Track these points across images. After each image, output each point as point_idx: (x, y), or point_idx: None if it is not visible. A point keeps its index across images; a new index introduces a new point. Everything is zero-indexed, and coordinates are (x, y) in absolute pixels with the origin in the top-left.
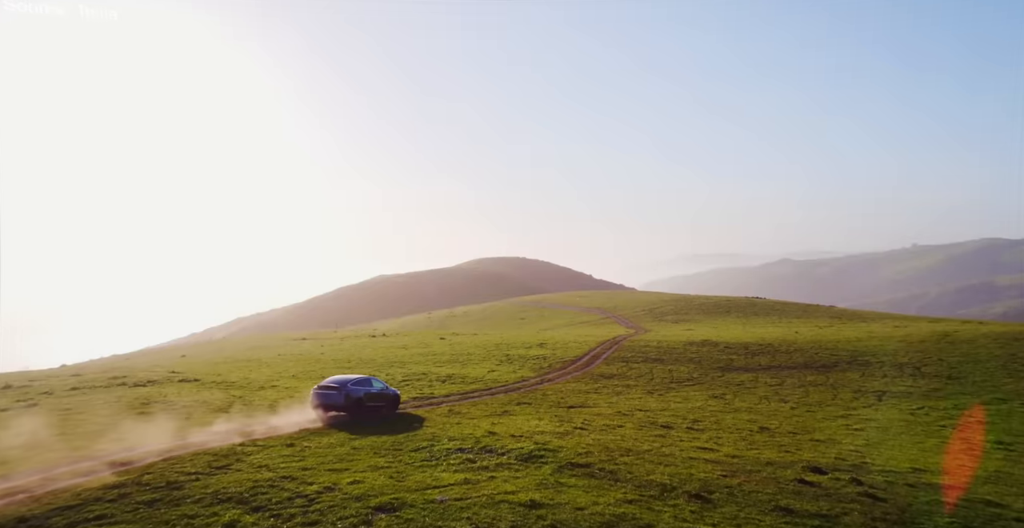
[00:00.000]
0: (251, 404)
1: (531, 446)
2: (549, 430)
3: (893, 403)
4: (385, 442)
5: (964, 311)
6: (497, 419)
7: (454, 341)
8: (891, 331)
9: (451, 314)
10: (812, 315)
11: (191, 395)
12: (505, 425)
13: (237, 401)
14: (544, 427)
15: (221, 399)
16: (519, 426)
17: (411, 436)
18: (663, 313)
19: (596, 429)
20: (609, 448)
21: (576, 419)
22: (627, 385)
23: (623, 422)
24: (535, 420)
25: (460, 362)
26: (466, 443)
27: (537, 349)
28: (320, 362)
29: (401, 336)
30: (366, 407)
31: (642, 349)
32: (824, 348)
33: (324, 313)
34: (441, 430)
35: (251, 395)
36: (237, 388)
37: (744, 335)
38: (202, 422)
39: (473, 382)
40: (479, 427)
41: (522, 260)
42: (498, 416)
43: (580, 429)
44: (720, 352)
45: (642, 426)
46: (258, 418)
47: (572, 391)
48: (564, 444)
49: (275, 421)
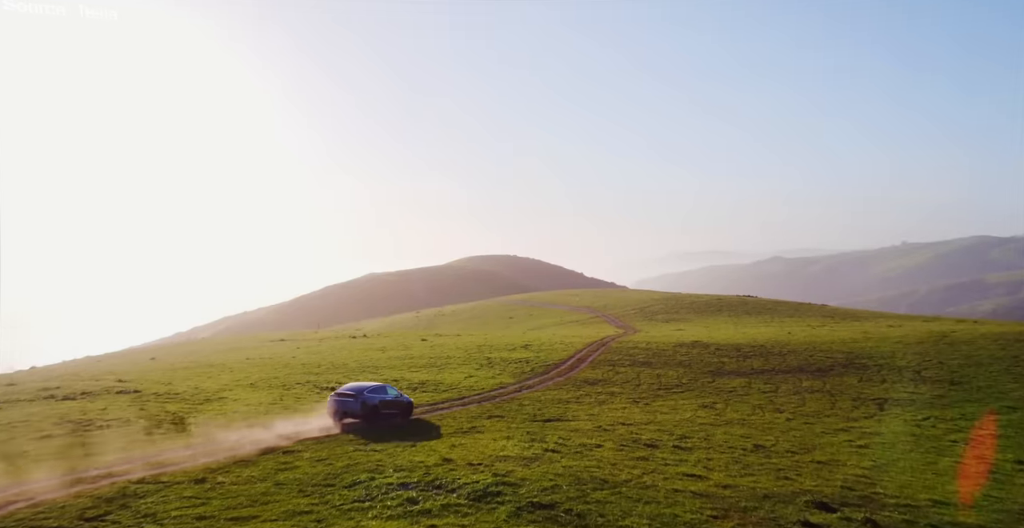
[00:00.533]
0: (183, 423)
1: (489, 479)
2: (515, 454)
3: (896, 413)
4: (318, 474)
5: (953, 309)
6: (459, 439)
7: (435, 343)
8: (886, 331)
9: (440, 313)
10: (804, 314)
11: (120, 411)
12: (466, 448)
13: (169, 419)
14: (510, 450)
15: (152, 416)
16: (482, 449)
17: (352, 467)
18: (653, 312)
19: (570, 451)
20: (581, 479)
21: (550, 437)
22: (611, 393)
23: (602, 440)
24: (503, 440)
25: (438, 366)
26: (413, 475)
27: (521, 351)
28: (288, 367)
29: (382, 337)
30: (381, 414)
31: (630, 351)
32: (819, 350)
33: (311, 312)
34: (389, 456)
35: (191, 410)
36: (178, 401)
37: (736, 335)
38: (109, 449)
39: (447, 390)
40: (435, 451)
41: (512, 258)
42: (463, 434)
43: (552, 452)
44: (711, 354)
45: (623, 445)
46: (180, 443)
47: (551, 400)
48: (529, 475)
49: (201, 447)
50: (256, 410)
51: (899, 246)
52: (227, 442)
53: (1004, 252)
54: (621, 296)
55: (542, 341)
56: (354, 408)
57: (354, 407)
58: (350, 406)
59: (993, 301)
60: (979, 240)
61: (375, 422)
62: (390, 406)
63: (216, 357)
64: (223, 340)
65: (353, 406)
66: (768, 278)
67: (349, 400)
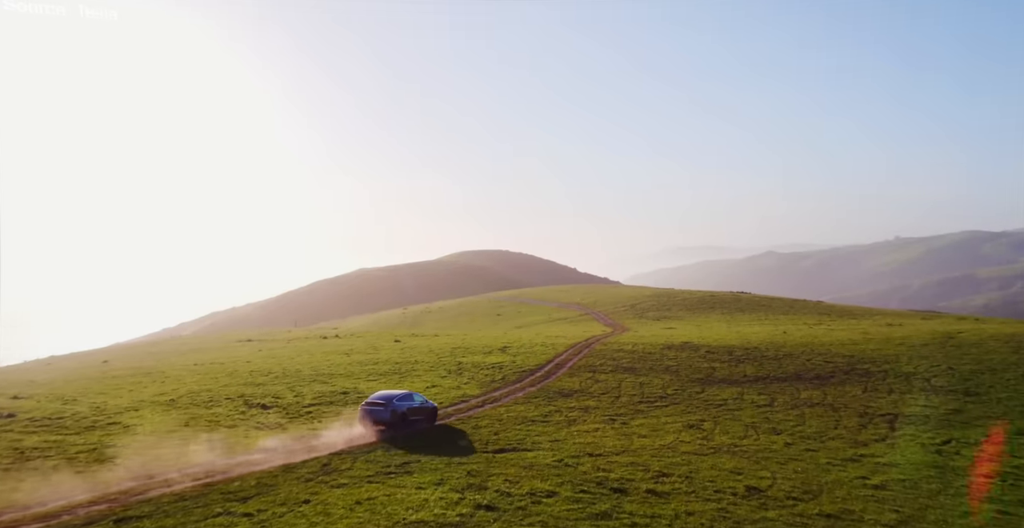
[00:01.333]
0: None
1: None
2: (433, 518)
3: (910, 433)
4: None
5: (945, 303)
6: (373, 489)
7: (408, 344)
8: (887, 332)
9: (427, 309)
10: (799, 311)
11: None
12: (373, 507)
13: (20, 458)
14: (431, 508)
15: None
16: (393, 509)
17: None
18: (644, 309)
19: (511, 508)
20: None
21: (493, 482)
22: (586, 408)
23: (559, 483)
24: (431, 487)
25: (400, 373)
26: None
27: (496, 355)
28: (232, 376)
29: (355, 338)
30: (409, 421)
31: (614, 354)
32: (817, 353)
33: (297, 308)
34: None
35: (64, 442)
36: (55, 430)
37: (728, 335)
38: None
39: None
40: (327, 517)
41: (504, 253)
42: (384, 477)
43: (486, 509)
44: (701, 358)
45: (583, 491)
46: None
47: (514, 419)
48: None
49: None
50: (140, 443)
51: (892, 241)
52: (61, 491)
53: (996, 247)
54: (613, 292)
55: (522, 342)
56: (384, 416)
57: (384, 415)
58: (381, 414)
59: (985, 296)
60: (971, 235)
61: (403, 428)
62: (417, 413)
63: (165, 361)
64: (193, 339)
65: (384, 414)
66: (762, 272)
67: (380, 409)
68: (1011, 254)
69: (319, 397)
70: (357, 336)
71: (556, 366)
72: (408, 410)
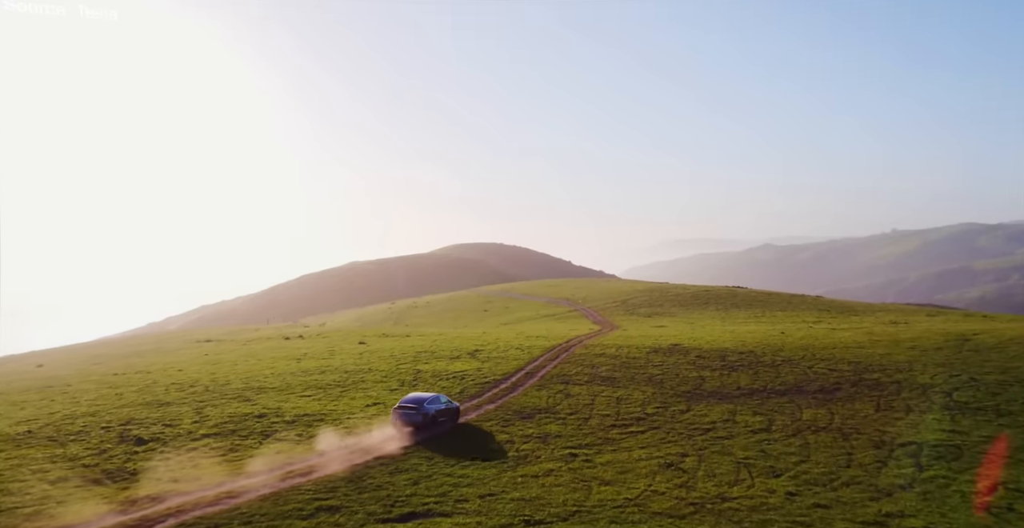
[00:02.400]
0: None
1: None
2: None
3: (942, 474)
4: None
5: (941, 296)
6: None
7: (372, 348)
8: (894, 332)
9: (414, 304)
10: (797, 307)
11: None
12: None
13: None
14: None
15: None
16: None
17: None
18: (636, 305)
19: None
20: None
21: None
22: (546, 436)
23: None
24: None
25: (344, 386)
26: None
27: (463, 361)
28: (146, 391)
29: (319, 339)
30: (438, 422)
31: (595, 360)
32: (819, 358)
33: (286, 302)
34: None
35: None
36: None
37: (722, 336)
38: None
39: (313, 431)
40: None
41: (499, 246)
42: None
43: None
44: (690, 364)
45: None
46: None
47: (447, 459)
48: None
49: None
50: None
51: (888, 234)
52: None
53: (992, 239)
54: (604, 287)
55: (497, 344)
56: (416, 419)
57: (416, 418)
58: (413, 417)
59: (981, 288)
60: (967, 227)
61: (432, 429)
62: (444, 414)
63: (88, 369)
64: (150, 339)
65: (416, 417)
66: (758, 265)
67: (412, 411)
68: (1007, 246)
69: (222, 424)
70: (323, 337)
71: (527, 375)
72: (437, 412)
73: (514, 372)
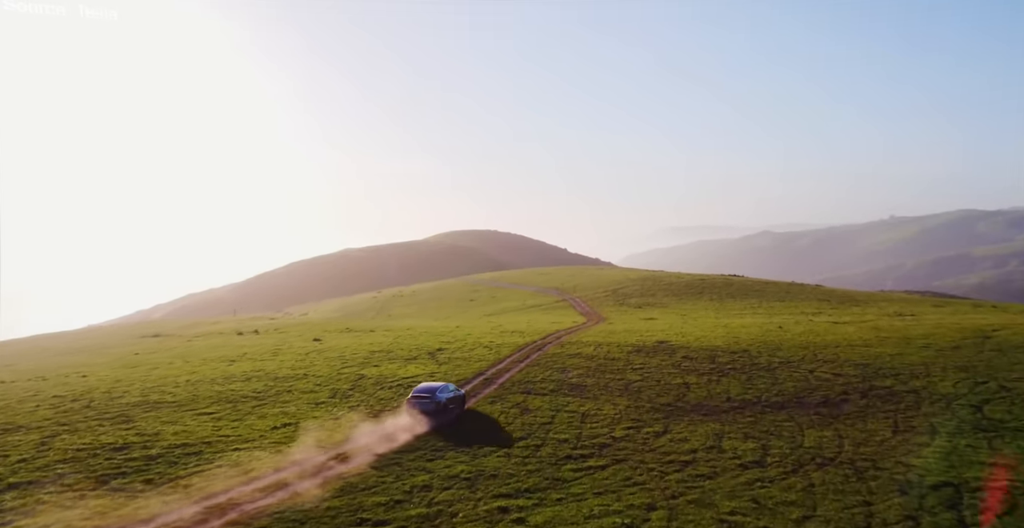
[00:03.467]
0: None
1: None
2: None
3: None
4: None
5: (940, 282)
6: None
7: (324, 346)
8: (902, 326)
9: (399, 294)
10: (796, 297)
11: None
12: None
13: None
14: None
15: None
16: None
17: None
18: (627, 295)
19: None
20: None
21: None
22: (476, 476)
23: None
24: None
25: (262, 398)
26: None
27: (419, 364)
28: (9, 410)
29: (274, 334)
30: (448, 409)
31: (567, 362)
32: (821, 358)
33: (273, 290)
34: None
35: None
36: None
37: (714, 330)
38: None
39: (172, 480)
40: None
41: (493, 233)
42: None
43: None
44: (675, 367)
45: None
46: None
47: (320, 519)
48: None
49: None
50: None
51: (887, 220)
52: None
53: (990, 225)
54: (597, 275)
55: (466, 341)
56: (429, 407)
57: (429, 406)
58: (427, 405)
59: (979, 274)
60: (966, 213)
61: (443, 416)
62: (453, 401)
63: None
64: (105, 331)
65: (428, 405)
66: (756, 252)
67: (426, 400)
68: (1007, 232)
69: (54, 464)
70: (279, 332)
71: (485, 381)
72: (447, 400)
73: (473, 377)
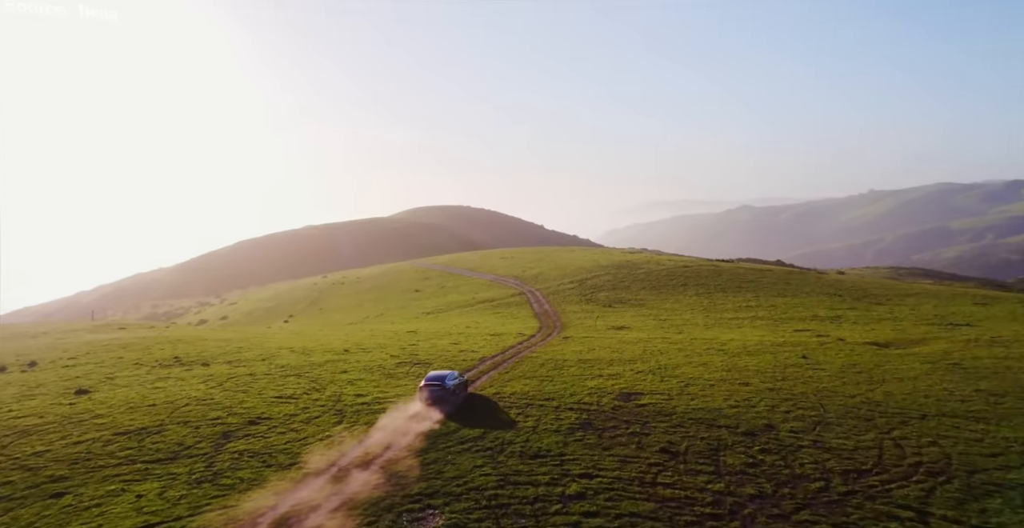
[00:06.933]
0: None
1: None
2: None
3: None
4: None
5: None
6: None
7: (77, 410)
8: (999, 358)
9: (341, 281)
10: (798, 290)
11: None
12: None
13: None
14: None
15: None
16: None
17: None
18: (596, 287)
19: None
20: None
21: None
22: None
23: None
24: None
25: None
26: None
27: (175, 469)
28: None
29: (49, 369)
30: (456, 394)
31: (456, 460)
32: (903, 443)
33: (217, 270)
34: None
35: None
36: None
37: (708, 359)
38: None
39: None
40: None
41: (464, 209)
42: None
43: None
44: (643, 473)
45: None
46: None
47: None
48: None
49: None
50: None
51: (866, 194)
52: None
53: (967, 198)
54: (564, 260)
55: (316, 396)
56: (441, 394)
57: (440, 393)
58: (438, 392)
59: (957, 247)
60: (943, 187)
61: (452, 402)
62: (459, 387)
63: None
64: None
65: (440, 392)
66: (738, 227)
67: (437, 387)
68: (983, 206)
69: None
70: (69, 364)
71: (340, 473)
72: (454, 386)
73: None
